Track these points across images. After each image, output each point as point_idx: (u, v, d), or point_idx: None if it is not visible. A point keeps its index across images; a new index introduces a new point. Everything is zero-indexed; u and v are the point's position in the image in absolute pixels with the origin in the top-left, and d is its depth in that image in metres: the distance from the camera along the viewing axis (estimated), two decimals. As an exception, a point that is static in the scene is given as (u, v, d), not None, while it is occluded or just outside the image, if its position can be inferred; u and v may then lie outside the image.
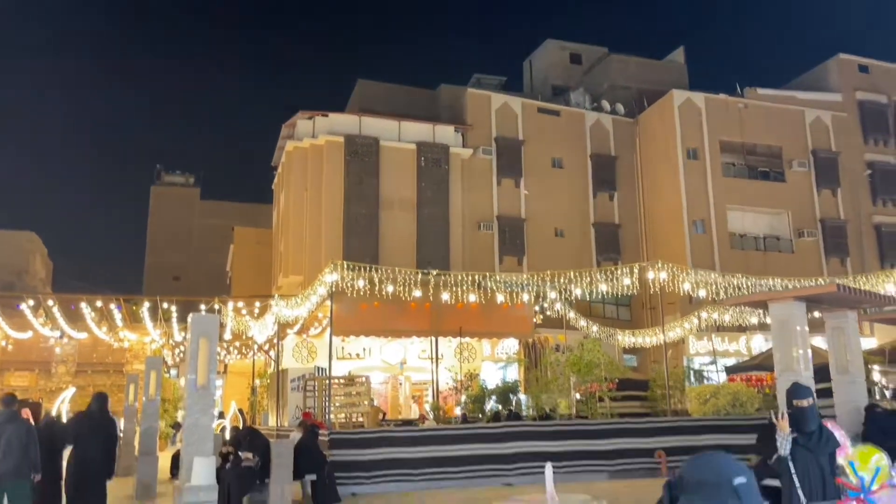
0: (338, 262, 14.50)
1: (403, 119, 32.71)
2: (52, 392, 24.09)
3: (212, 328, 8.66)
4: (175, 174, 58.58)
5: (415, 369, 28.05)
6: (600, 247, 34.52)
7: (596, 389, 16.10)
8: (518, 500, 10.31)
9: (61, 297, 21.42)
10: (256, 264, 38.39)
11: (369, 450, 13.08)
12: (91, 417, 9.66)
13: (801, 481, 4.94)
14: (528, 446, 13.73)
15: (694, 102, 34.61)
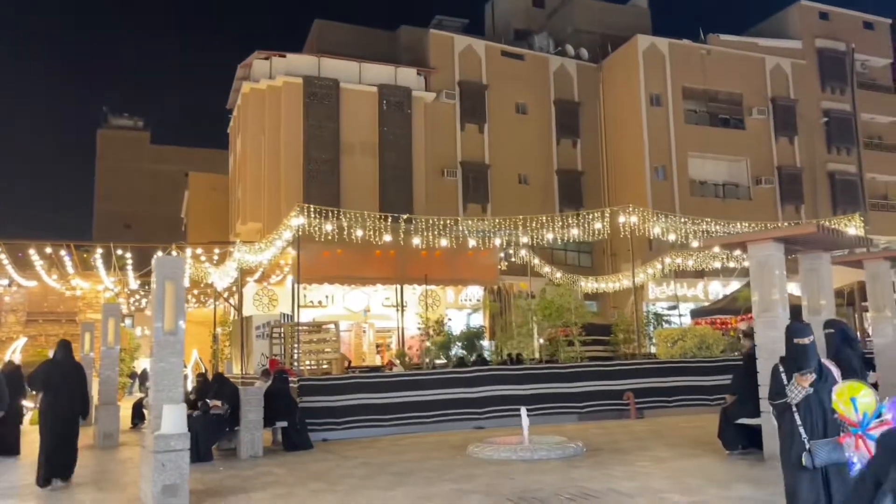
0: (304, 206, 14.03)
1: (364, 61, 31.70)
2: (2, 342, 23.24)
3: (177, 271, 8.23)
4: (123, 117, 56.13)
5: (378, 317, 27.93)
6: (563, 194, 34.49)
7: (562, 334, 16.15)
8: (494, 442, 10.32)
9: (7, 242, 20.39)
10: (213, 211, 37.35)
11: (340, 396, 12.92)
12: (59, 364, 9.69)
13: (803, 420, 4.90)
14: (498, 390, 13.76)
15: (658, 48, 34.36)
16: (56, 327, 24.26)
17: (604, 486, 7.72)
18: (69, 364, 9.88)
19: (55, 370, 9.66)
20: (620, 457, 9.67)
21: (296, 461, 10.47)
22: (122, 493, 8.71)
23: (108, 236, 27.47)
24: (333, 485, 8.52)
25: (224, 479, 9.21)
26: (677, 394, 14.17)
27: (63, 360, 9.81)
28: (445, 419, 13.48)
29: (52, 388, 9.49)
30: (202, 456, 10.44)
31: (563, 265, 30.65)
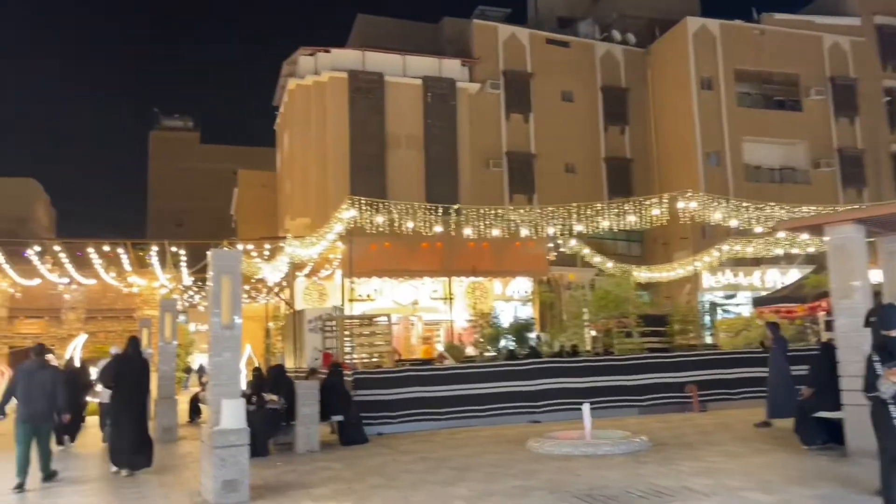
0: (355, 199, 13.92)
1: (408, 53, 31.54)
2: (63, 339, 23.85)
3: (234, 264, 8.18)
4: (173, 118, 57.27)
5: (426, 309, 27.82)
6: (612, 182, 33.78)
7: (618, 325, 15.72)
8: (554, 436, 10.03)
9: (67, 241, 20.92)
10: (262, 208, 37.76)
11: (394, 389, 12.79)
12: (129, 360, 10.14)
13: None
14: (555, 383, 13.45)
15: (708, 30, 33.32)
16: (115, 324, 24.80)
17: (676, 483, 7.37)
18: (138, 359, 10.28)
19: (126, 366, 10.03)
20: (689, 452, 9.28)
21: (352, 456, 10.37)
22: (182, 488, 8.72)
23: (161, 234, 27.99)
24: (392, 480, 8.37)
25: (282, 475, 9.15)
26: (742, 386, 13.64)
27: (133, 356, 10.17)
28: (500, 413, 13.24)
29: (124, 382, 9.85)
30: (259, 451, 10.39)
31: (613, 255, 29.99)
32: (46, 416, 9.16)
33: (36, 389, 9.03)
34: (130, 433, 9.70)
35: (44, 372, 9.30)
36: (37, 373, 9.21)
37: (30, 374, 9.22)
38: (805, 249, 20.57)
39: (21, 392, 9.06)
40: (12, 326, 23.92)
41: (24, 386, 9.08)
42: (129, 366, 10.08)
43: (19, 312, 23.97)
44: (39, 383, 9.07)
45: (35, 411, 8.99)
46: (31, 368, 9.32)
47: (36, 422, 9.03)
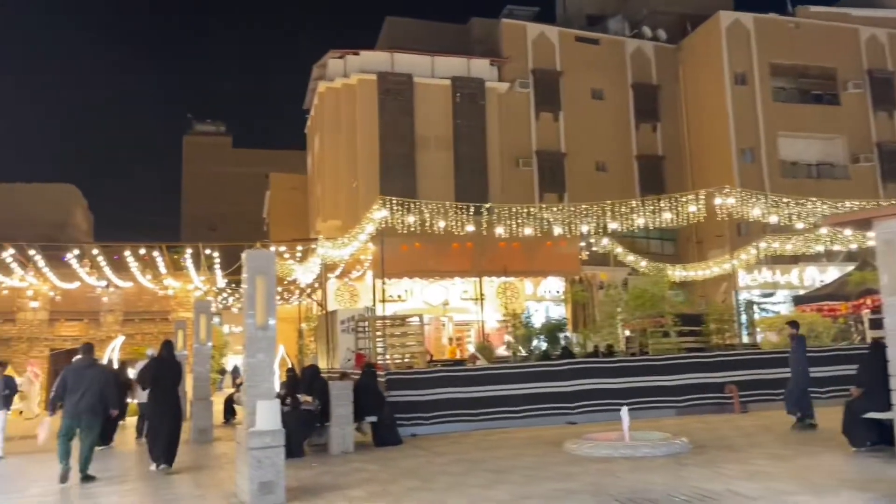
0: (386, 199, 13.88)
1: (436, 54, 31.52)
2: (101, 341, 24.25)
3: (268, 265, 8.17)
4: (206, 123, 58.07)
5: (457, 310, 27.70)
6: (644, 180, 33.39)
7: (655, 324, 15.43)
8: (592, 438, 9.85)
9: (105, 245, 21.26)
10: (293, 210, 38.04)
11: (428, 390, 12.71)
12: (164, 362, 10.63)
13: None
14: (590, 384, 13.25)
15: (742, 24, 32.75)
16: (151, 326, 25.16)
17: (721, 486, 7.16)
18: (172, 361, 10.77)
19: (162, 367, 10.47)
20: (733, 454, 9.03)
21: (387, 457, 10.30)
22: (218, 489, 8.73)
23: (195, 238, 28.38)
24: (428, 482, 8.28)
25: (318, 476, 9.12)
26: (785, 386, 13.25)
27: (167, 358, 10.67)
28: (535, 414, 13.07)
29: (160, 384, 10.27)
30: (294, 452, 10.38)
31: (646, 254, 29.59)
32: (92, 412, 9.46)
33: (83, 387, 9.35)
34: (167, 432, 10.13)
35: (92, 370, 9.65)
36: (85, 371, 9.55)
37: (78, 371, 9.54)
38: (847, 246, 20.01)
39: (69, 389, 9.38)
40: (53, 329, 24.41)
41: (72, 383, 9.39)
42: (165, 368, 10.47)
43: (59, 315, 24.46)
44: (87, 381, 9.41)
45: (81, 408, 9.32)
46: (80, 366, 9.66)
47: (81, 418, 9.35)
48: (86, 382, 9.40)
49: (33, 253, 20.23)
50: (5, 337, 23.95)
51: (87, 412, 9.39)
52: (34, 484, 9.56)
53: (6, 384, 11.81)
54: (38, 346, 24.13)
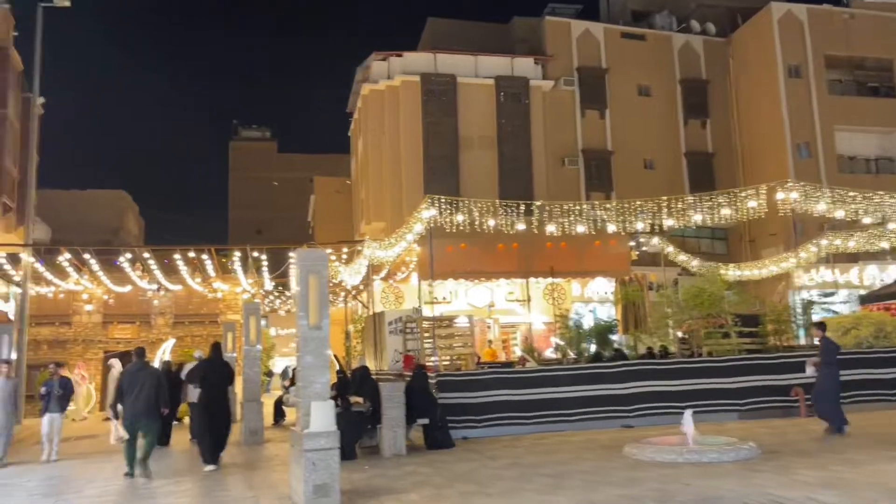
0: (434, 197, 13.69)
1: (479, 54, 31.29)
2: (153, 343, 24.64)
3: (320, 264, 8.02)
4: (251, 128, 58.92)
5: (502, 312, 27.37)
6: (693, 177, 32.58)
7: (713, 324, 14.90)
8: (653, 442, 9.47)
9: (156, 249, 21.59)
10: (338, 213, 38.25)
11: (478, 393, 12.45)
12: (213, 363, 11.04)
13: None
14: (648, 386, 12.81)
15: (795, 15, 31.73)
16: (200, 328, 25.48)
17: (799, 494, 6.73)
18: (220, 363, 11.16)
19: (210, 368, 10.87)
20: (806, 460, 8.56)
21: (440, 460, 10.08)
22: (272, 491, 8.63)
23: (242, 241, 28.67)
24: (484, 487, 8.02)
25: (371, 479, 8.95)
26: (852, 388, 12.63)
27: (216, 360, 11.09)
28: (589, 417, 12.70)
29: (209, 384, 10.63)
30: (346, 454, 10.20)
31: (697, 253, 28.81)
32: (148, 413, 9.76)
33: (137, 389, 9.71)
34: (214, 433, 10.49)
35: (144, 372, 9.98)
36: (138, 373, 9.90)
37: (132, 374, 9.92)
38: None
39: (125, 391, 9.79)
40: (106, 331, 24.91)
41: (127, 385, 9.80)
42: (214, 369, 10.83)
43: (113, 318, 24.95)
44: (140, 383, 9.75)
45: (138, 409, 9.67)
46: (134, 370, 10.04)
47: (139, 419, 9.69)
48: (139, 384, 9.73)
49: (88, 257, 20.64)
50: (62, 339, 24.54)
51: (144, 413, 9.71)
52: (90, 485, 9.62)
53: (62, 385, 11.87)
54: (93, 349, 24.66)
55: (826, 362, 10.88)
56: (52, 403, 11.68)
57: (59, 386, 11.81)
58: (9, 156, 18.60)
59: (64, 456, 12.22)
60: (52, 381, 11.84)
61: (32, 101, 20.55)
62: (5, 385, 11.41)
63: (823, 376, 10.86)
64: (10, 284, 21.26)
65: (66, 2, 20.59)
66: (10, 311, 20.97)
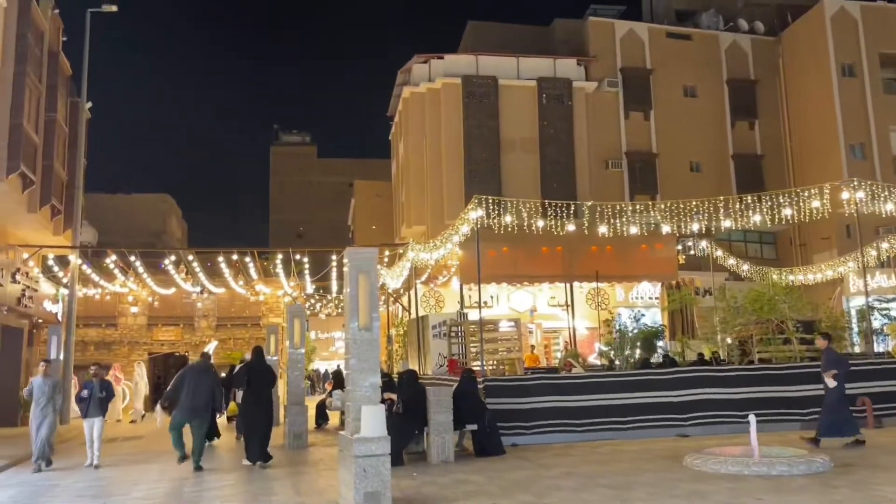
0: (481, 198, 13.39)
1: (521, 55, 30.94)
2: (196, 345, 24.81)
3: (370, 263, 7.76)
4: (292, 133, 59.45)
5: (544, 316, 26.90)
6: (741, 180, 31.74)
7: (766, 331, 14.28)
8: (716, 453, 8.99)
9: (199, 251, 21.74)
10: (378, 217, 38.24)
11: (528, 398, 12.08)
12: (255, 366, 11.45)
13: None
14: (704, 394, 12.29)
15: (848, 12, 30.71)
16: (242, 331, 25.57)
17: (887, 512, 6.24)
18: (262, 366, 11.55)
19: (253, 372, 11.29)
20: (884, 474, 8.00)
21: (491, 468, 9.73)
22: (320, 497, 8.40)
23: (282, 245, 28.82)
24: (542, 497, 7.66)
25: (421, 487, 8.65)
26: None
27: (258, 363, 11.49)
28: (643, 425, 12.23)
29: (252, 387, 11.11)
30: (393, 460, 9.88)
31: (744, 257, 27.96)
32: (205, 409, 10.62)
33: (200, 387, 10.54)
34: (260, 432, 10.88)
35: (206, 374, 10.86)
36: (201, 374, 10.78)
37: (198, 373, 10.80)
38: None
39: (188, 387, 10.54)
40: (151, 333, 25.15)
41: (191, 382, 10.58)
42: (256, 372, 11.32)
43: (157, 320, 25.19)
44: (204, 383, 10.63)
45: (197, 404, 10.50)
46: (199, 369, 10.97)
47: (196, 413, 10.49)
48: (201, 384, 10.58)
49: (133, 259, 20.83)
50: (108, 340, 24.85)
51: (202, 409, 10.53)
52: (136, 487, 9.52)
53: (103, 387, 11.48)
54: (138, 350, 24.91)
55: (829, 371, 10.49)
56: (93, 407, 11.29)
57: (101, 388, 11.44)
58: (58, 160, 18.83)
59: (109, 457, 12.20)
60: (93, 383, 11.36)
61: (81, 106, 20.86)
62: (43, 384, 11.24)
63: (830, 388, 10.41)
64: (58, 286, 21.57)
65: (114, 7, 20.89)
66: (58, 312, 21.27)
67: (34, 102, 16.96)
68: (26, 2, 15.69)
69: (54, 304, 21.23)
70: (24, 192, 16.17)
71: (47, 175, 17.83)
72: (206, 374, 10.81)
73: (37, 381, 11.30)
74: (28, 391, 11.43)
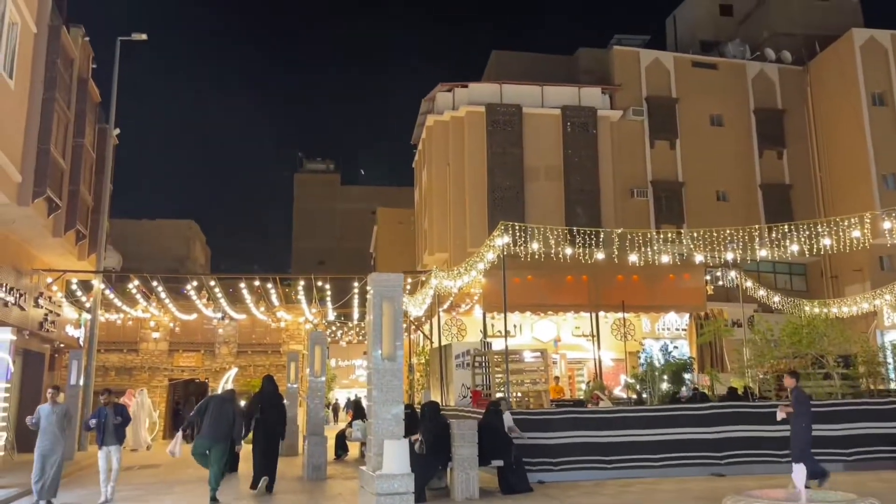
0: (508, 224, 13.11)
1: (546, 84, 30.87)
2: (216, 372, 24.64)
3: (395, 290, 7.51)
4: (316, 161, 59.93)
5: (569, 347, 26.35)
6: (769, 210, 31.22)
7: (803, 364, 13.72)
8: (758, 495, 8.46)
9: (222, 277, 21.66)
10: (400, 244, 38.10)
11: (555, 433, 11.63)
12: (268, 395, 11.83)
13: None
14: (741, 431, 11.76)
15: (878, 41, 30.39)
16: (263, 358, 25.35)
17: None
18: (274, 394, 11.96)
19: (265, 400, 11.69)
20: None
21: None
22: (339, 535, 8.03)
23: (304, 271, 28.73)
24: (572, 540, 7.23)
25: (444, 525, 8.25)
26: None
27: (269, 391, 11.86)
28: (676, 463, 11.70)
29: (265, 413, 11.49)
30: (416, 496, 9.56)
31: (773, 288, 27.28)
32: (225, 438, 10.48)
33: (221, 416, 10.53)
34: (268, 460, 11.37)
35: (229, 404, 10.85)
36: (224, 403, 10.79)
37: (220, 402, 10.83)
38: None
39: (210, 415, 10.54)
40: (171, 359, 25.02)
41: (213, 410, 10.57)
42: (267, 400, 11.74)
43: (178, 346, 25.07)
44: (226, 412, 10.60)
45: (217, 433, 10.43)
46: (222, 398, 11.02)
47: (216, 441, 10.42)
48: (223, 412, 10.56)
49: (156, 284, 20.78)
50: (129, 366, 24.75)
51: (222, 438, 10.43)
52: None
53: (118, 412, 10.65)
54: (158, 376, 24.77)
55: (798, 413, 10.05)
56: (108, 435, 10.48)
57: (115, 413, 10.58)
58: (84, 185, 18.91)
59: (124, 486, 11.88)
60: (106, 409, 10.56)
61: (109, 132, 21.02)
62: (51, 413, 10.07)
63: (796, 428, 10.03)
64: (81, 311, 21.57)
65: (143, 36, 21.16)
66: (80, 336, 21.23)
67: (62, 128, 17.09)
68: (56, 29, 15.86)
69: (76, 329, 21.20)
70: (49, 216, 16.20)
71: (73, 200, 17.88)
72: (228, 404, 10.78)
73: (44, 409, 10.16)
74: (34, 420, 10.11)
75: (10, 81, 13.65)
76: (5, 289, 15.42)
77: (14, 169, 13.97)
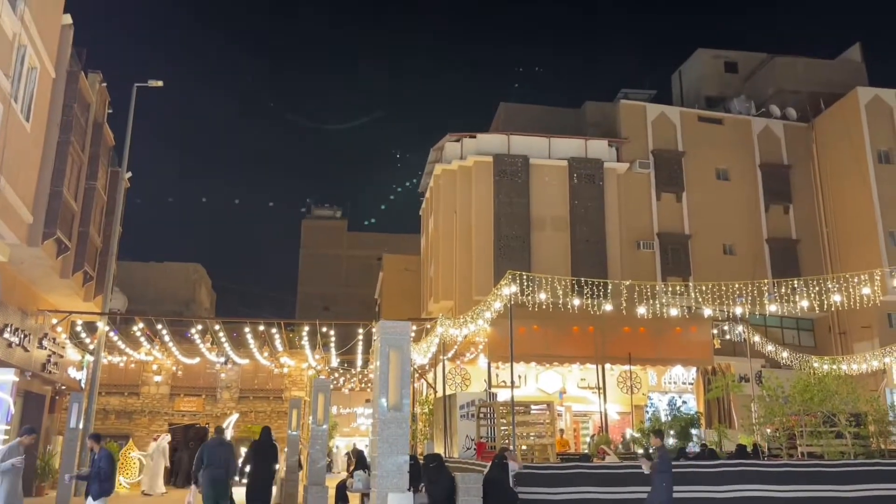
0: (516, 273, 13.09)
1: (553, 136, 31.26)
2: (217, 417, 24.35)
3: (403, 339, 7.44)
4: (324, 207, 60.42)
5: (574, 399, 26.01)
6: (776, 264, 31.14)
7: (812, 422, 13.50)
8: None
9: (227, 321, 21.58)
10: (405, 291, 38.01)
11: (562, 489, 11.36)
12: (262, 445, 12.97)
13: None
14: (751, 490, 11.46)
15: (883, 100, 30.80)
16: (264, 404, 25.07)
17: None
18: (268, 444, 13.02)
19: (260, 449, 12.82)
20: None
21: (522, 565, 9.04)
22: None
23: (309, 317, 28.62)
24: None
25: (447, 583, 8.00)
26: None
27: (263, 441, 12.99)
28: (685, 523, 11.39)
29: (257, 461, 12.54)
30: (417, 551, 9.36)
31: (780, 343, 27.05)
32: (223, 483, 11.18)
33: (217, 460, 11.20)
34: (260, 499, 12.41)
35: (222, 447, 11.57)
36: (217, 447, 11.47)
37: (213, 447, 11.49)
38: None
39: (206, 461, 11.21)
40: (172, 403, 24.77)
41: (209, 456, 11.24)
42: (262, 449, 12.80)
43: (180, 390, 24.84)
44: (219, 455, 11.27)
45: (216, 476, 11.10)
46: (215, 444, 11.69)
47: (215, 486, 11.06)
48: (217, 457, 11.22)
49: (160, 327, 20.72)
50: (129, 409, 24.49)
51: (221, 481, 11.09)
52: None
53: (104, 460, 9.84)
54: (158, 420, 24.48)
55: (660, 470, 10.11)
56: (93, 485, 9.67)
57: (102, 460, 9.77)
58: (94, 226, 19.06)
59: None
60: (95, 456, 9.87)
61: (120, 175, 21.28)
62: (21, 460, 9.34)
63: (657, 487, 10.09)
64: (84, 352, 21.47)
65: (159, 82, 21.59)
66: (82, 379, 21.08)
67: (75, 170, 17.31)
68: (75, 74, 16.22)
69: (78, 371, 21.07)
70: (58, 257, 16.29)
71: (82, 241, 18.01)
72: (221, 448, 11.48)
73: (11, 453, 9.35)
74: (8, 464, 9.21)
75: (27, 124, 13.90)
76: (10, 329, 15.39)
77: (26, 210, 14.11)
